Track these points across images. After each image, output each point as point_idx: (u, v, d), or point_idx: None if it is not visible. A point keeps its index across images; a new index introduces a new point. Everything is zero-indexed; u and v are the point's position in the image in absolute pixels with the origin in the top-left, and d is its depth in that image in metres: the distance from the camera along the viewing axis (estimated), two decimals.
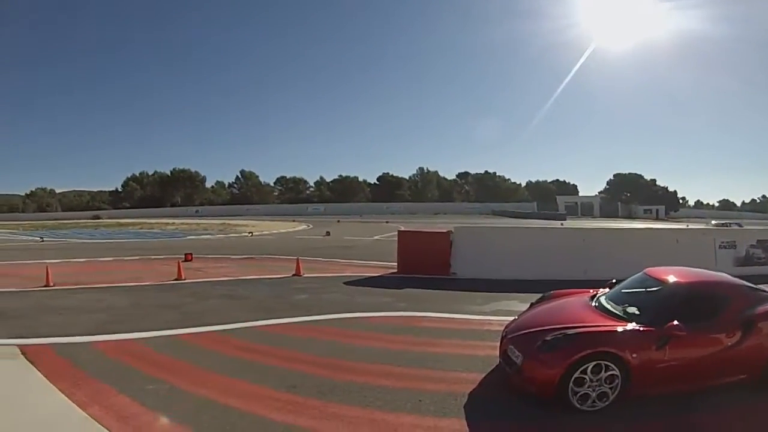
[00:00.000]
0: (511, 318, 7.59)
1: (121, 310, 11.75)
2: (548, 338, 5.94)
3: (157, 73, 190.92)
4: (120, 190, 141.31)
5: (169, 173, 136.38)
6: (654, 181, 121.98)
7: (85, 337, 9.35)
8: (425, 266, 16.35)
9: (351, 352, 8.07)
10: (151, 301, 12.79)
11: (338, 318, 10.64)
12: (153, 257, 24.08)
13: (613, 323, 6.10)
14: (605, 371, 5.57)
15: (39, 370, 7.33)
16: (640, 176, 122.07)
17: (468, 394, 6.18)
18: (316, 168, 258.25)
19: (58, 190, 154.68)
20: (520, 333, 6.53)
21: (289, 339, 9.14)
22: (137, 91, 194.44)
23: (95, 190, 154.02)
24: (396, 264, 17.78)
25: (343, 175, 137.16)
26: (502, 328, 7.22)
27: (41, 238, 43.49)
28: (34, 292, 14.40)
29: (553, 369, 5.59)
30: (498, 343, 6.98)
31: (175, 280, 16.12)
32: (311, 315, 10.96)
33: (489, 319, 10.06)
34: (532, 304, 7.85)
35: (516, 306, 10.45)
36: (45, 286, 15.04)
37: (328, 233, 41.07)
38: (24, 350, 8.35)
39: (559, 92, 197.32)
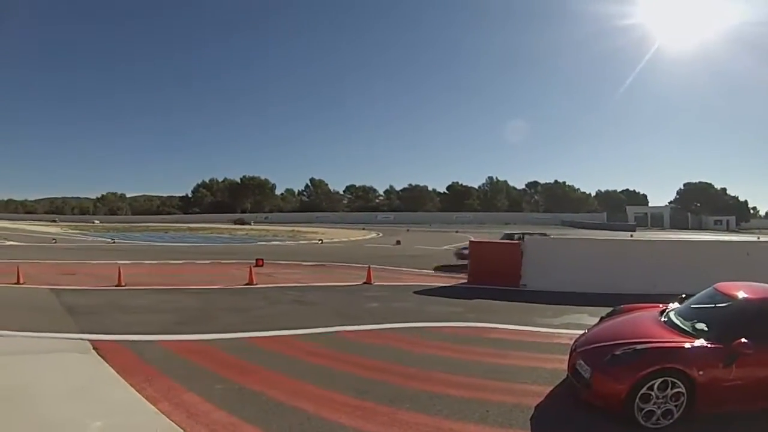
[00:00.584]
0: (580, 332, 7.47)
1: (192, 312, 12.08)
2: (617, 353, 5.81)
3: (227, 79, 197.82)
4: (190, 195, 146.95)
5: (239, 180, 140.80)
6: (724, 190, 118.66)
7: (155, 335, 9.65)
8: (495, 277, 16.19)
9: (421, 361, 8.04)
10: (221, 304, 13.13)
11: (408, 327, 10.57)
12: (224, 261, 24.83)
13: (681, 339, 5.97)
14: (671, 388, 5.45)
15: (110, 365, 7.57)
16: (710, 185, 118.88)
17: (535, 407, 6.06)
18: (386, 176, 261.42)
19: (128, 195, 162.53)
20: (589, 347, 6.43)
21: (359, 345, 9.17)
22: (207, 98, 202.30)
23: (165, 195, 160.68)
24: (466, 274, 17.61)
25: (413, 183, 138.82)
26: (571, 342, 7.12)
27: (112, 239, 45.68)
28: (106, 291, 15.08)
29: (621, 384, 5.51)
30: (566, 357, 6.87)
31: (246, 284, 16.46)
32: (382, 323, 10.94)
33: (558, 332, 9.82)
34: (602, 318, 7.72)
35: (585, 319, 10.22)
36: (117, 285, 15.72)
37: (398, 242, 41.29)
38: (96, 345, 8.67)
39: (626, 98, 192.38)
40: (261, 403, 6.15)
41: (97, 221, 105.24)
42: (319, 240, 45.43)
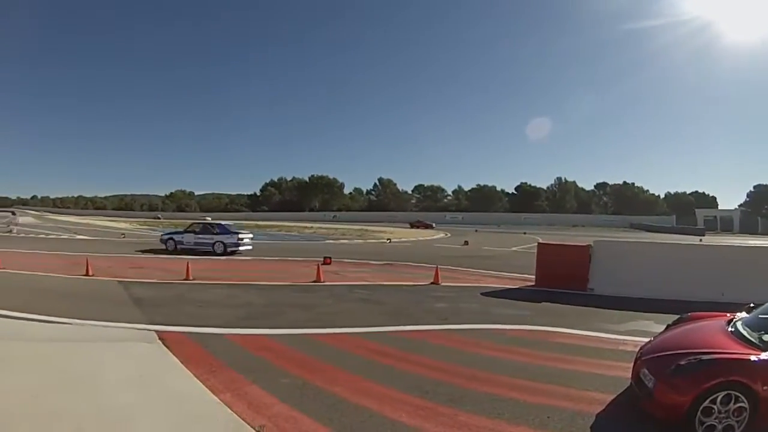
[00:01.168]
0: (646, 339, 7.33)
1: (258, 307, 12.43)
2: (682, 363, 5.61)
3: (296, 79, 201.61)
4: (258, 194, 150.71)
5: (307, 179, 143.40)
6: None
7: (221, 329, 9.96)
8: (563, 280, 16.08)
9: (484, 363, 8.01)
10: (288, 300, 13.40)
11: (474, 329, 10.57)
12: (291, 259, 25.27)
13: (747, 351, 5.71)
14: (734, 402, 5.25)
15: (175, 355, 7.85)
16: None
17: (596, 415, 5.96)
18: (455, 176, 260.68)
19: (197, 193, 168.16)
20: (654, 355, 6.26)
21: (424, 345, 9.19)
22: (278, 97, 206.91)
23: (234, 193, 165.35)
24: (533, 276, 17.48)
25: (481, 184, 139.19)
26: (636, 349, 6.98)
27: None
28: (174, 284, 15.70)
29: (684, 395, 5.35)
30: (630, 364, 6.72)
31: (313, 281, 16.77)
32: (447, 324, 10.98)
33: (623, 339, 9.64)
34: (668, 326, 7.52)
35: (651, 327, 10.04)
36: (185, 279, 16.33)
37: (466, 242, 41.23)
38: (162, 336, 9.02)
39: (696, 99, 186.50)
40: (323, 399, 6.23)
41: (159, 216, 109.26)
42: (387, 239, 45.62)
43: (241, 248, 27.39)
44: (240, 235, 27.73)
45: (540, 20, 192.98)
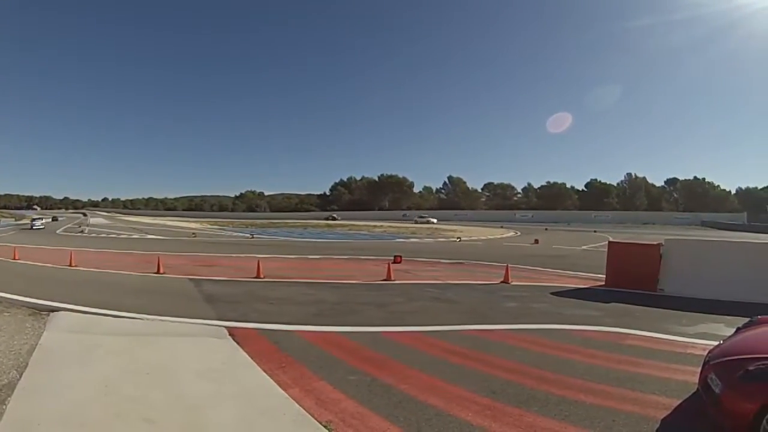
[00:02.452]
0: (715, 342, 6.94)
1: (329, 305, 12.53)
2: (751, 368, 5.28)
3: (367, 77, 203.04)
4: (328, 194, 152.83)
5: (377, 179, 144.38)
6: None
7: (292, 326, 10.11)
8: (633, 280, 15.65)
9: (553, 364, 7.84)
10: (359, 299, 13.47)
11: (544, 329, 10.35)
12: (362, 257, 25.49)
13: None
14: None
15: (245, 351, 8.01)
16: None
17: (661, 420, 5.75)
18: (524, 174, 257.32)
19: (267, 193, 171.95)
20: (722, 360, 5.90)
21: (494, 345, 9.04)
22: (345, 98, 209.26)
23: (303, 193, 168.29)
24: (604, 276, 17.00)
25: (551, 181, 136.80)
26: (705, 353, 6.64)
27: (251, 234, 48.37)
28: (245, 282, 16.08)
29: (751, 403, 5.00)
30: (698, 368, 6.38)
31: (384, 280, 16.80)
32: (518, 323, 10.79)
33: (692, 342, 9.21)
34: (738, 329, 7.13)
35: (722, 330, 9.68)
36: (256, 277, 16.65)
37: (536, 241, 40.67)
38: (232, 332, 9.25)
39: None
40: (391, 396, 6.22)
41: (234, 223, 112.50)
42: (458, 238, 45.41)
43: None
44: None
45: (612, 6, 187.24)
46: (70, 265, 19.21)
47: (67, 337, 8.76)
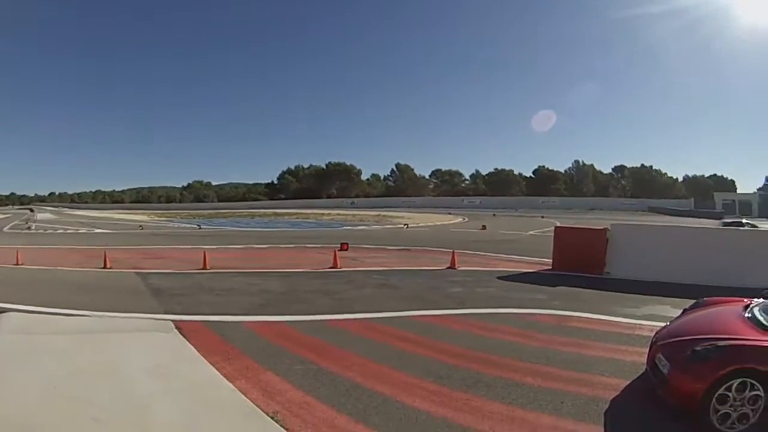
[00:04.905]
0: (663, 324, 7.18)
1: (275, 295, 12.47)
2: (697, 348, 5.50)
3: (309, 67, 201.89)
4: (276, 182, 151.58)
5: (324, 166, 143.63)
6: None
7: (238, 317, 10.04)
8: (580, 264, 15.93)
9: (500, 348, 7.95)
10: (305, 287, 13.44)
11: (490, 313, 10.48)
12: (309, 246, 25.40)
13: (763, 338, 5.55)
14: (750, 390, 5.14)
15: (192, 344, 7.92)
16: None
17: (610, 401, 5.89)
18: (472, 161, 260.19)
19: (214, 183, 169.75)
20: (669, 341, 6.14)
21: (440, 330, 9.14)
22: (290, 86, 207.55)
23: (251, 182, 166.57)
24: (551, 261, 17.34)
25: (499, 168, 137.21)
26: (652, 334, 6.89)
27: (199, 226, 47.75)
28: (191, 274, 15.84)
29: (699, 382, 5.24)
30: (646, 349, 6.62)
31: (331, 268, 16.81)
32: (464, 308, 10.90)
33: (640, 324, 9.45)
34: (684, 311, 7.37)
35: (669, 311, 9.81)
36: (202, 269, 16.43)
37: (483, 227, 40.93)
38: (179, 325, 9.11)
39: (715, 80, 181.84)
40: (338, 384, 6.25)
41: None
42: (405, 225, 45.64)
43: None
44: None
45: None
46: (16, 264, 18.58)
47: (12, 338, 8.52)
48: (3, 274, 16.73)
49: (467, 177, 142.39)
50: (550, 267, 17.00)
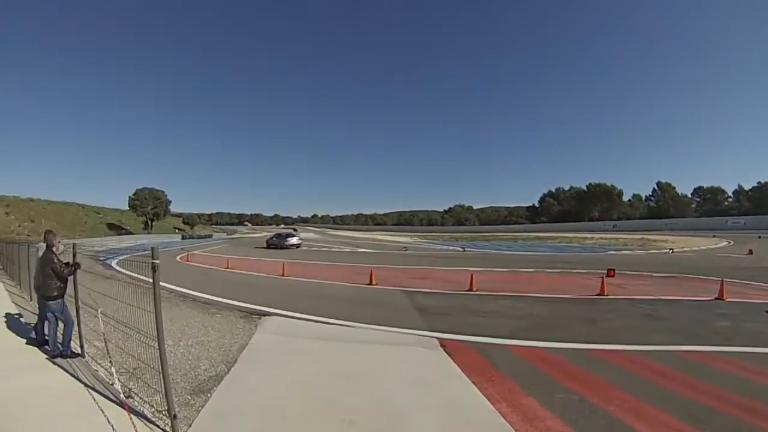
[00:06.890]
0: None
1: (540, 319, 12.37)
2: None
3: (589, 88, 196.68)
4: (537, 205, 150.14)
5: (585, 188, 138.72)
6: None
7: (502, 339, 10.18)
8: None
9: (764, 394, 7.01)
10: (571, 313, 13.12)
11: (758, 352, 9.28)
12: (573, 271, 24.68)
13: None
14: None
15: (455, 362, 8.27)
16: None
17: None
18: (735, 174, 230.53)
19: (475, 207, 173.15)
20: None
21: (704, 368, 8.31)
22: (548, 107, 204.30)
23: (512, 205, 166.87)
24: None
25: (763, 181, 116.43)
26: None
27: (462, 248, 48.84)
28: (456, 294, 16.35)
29: None
30: None
31: (597, 294, 16.17)
32: (730, 345, 9.80)
33: None
34: None
35: None
36: (467, 290, 16.87)
37: (750, 251, 35.89)
38: (443, 343, 9.57)
39: None
40: (597, 417, 6.09)
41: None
42: (670, 249, 42.09)
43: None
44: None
45: None
46: (282, 275, 20.79)
47: (274, 339, 9.70)
48: (269, 283, 19.01)
49: (730, 194, 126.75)
50: None
